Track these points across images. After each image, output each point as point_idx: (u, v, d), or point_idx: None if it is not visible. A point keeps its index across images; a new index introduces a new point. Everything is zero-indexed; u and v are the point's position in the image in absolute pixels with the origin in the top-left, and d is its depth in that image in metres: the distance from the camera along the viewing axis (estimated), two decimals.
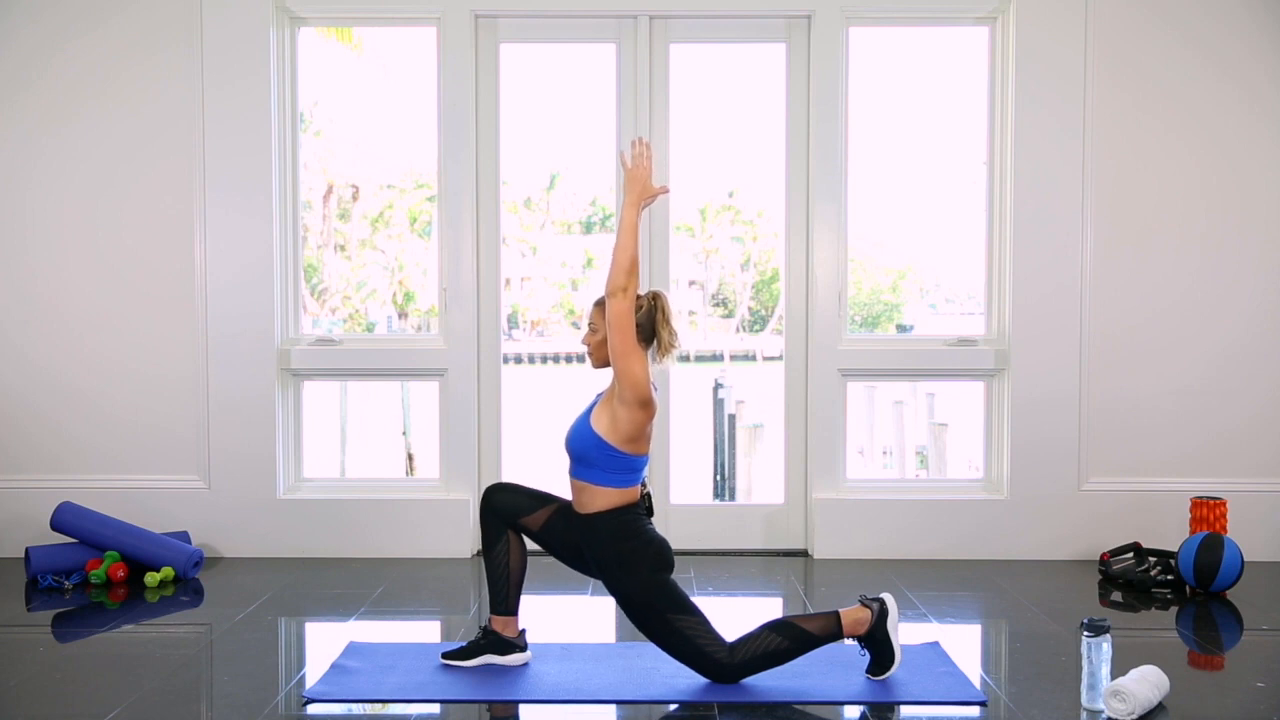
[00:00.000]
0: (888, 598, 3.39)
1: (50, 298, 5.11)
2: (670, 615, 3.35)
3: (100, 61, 5.05)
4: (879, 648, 3.38)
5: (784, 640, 3.35)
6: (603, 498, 3.40)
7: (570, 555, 3.55)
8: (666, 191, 3.62)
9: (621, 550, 3.37)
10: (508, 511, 3.54)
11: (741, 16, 5.18)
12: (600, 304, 3.44)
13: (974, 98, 5.25)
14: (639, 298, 3.41)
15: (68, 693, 3.34)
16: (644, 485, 3.49)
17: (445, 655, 3.55)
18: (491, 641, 3.53)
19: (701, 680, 3.39)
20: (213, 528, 5.08)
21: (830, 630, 3.36)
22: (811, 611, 3.43)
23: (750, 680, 3.38)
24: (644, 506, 3.46)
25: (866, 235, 5.64)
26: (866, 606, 3.38)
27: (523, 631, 3.56)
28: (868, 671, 3.41)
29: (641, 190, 3.42)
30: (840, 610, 3.40)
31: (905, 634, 3.56)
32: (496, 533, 3.53)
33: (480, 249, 5.21)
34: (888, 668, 3.38)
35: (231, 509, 5.09)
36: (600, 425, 3.37)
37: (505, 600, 3.54)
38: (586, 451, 3.39)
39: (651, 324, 3.42)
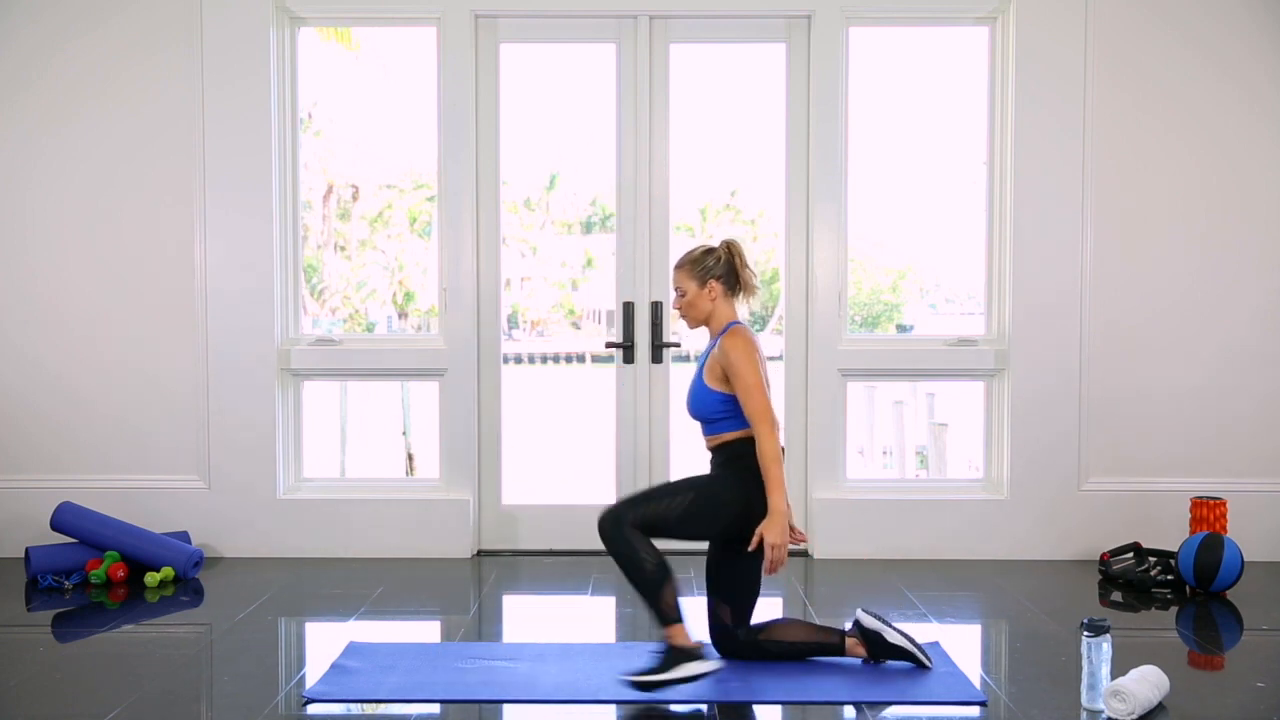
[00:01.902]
0: (877, 627, 3.50)
1: (50, 298, 5.11)
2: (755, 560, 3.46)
3: (100, 61, 5.05)
4: (900, 657, 3.50)
5: (790, 645, 3.54)
6: (728, 437, 3.50)
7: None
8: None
9: (737, 478, 3.44)
10: None
11: (741, 16, 5.18)
12: (679, 266, 3.59)
13: (974, 98, 5.25)
14: (714, 249, 3.58)
15: (68, 693, 3.34)
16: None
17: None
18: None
19: (701, 680, 3.39)
20: (213, 528, 5.08)
21: (833, 644, 3.56)
22: (822, 624, 3.60)
23: (750, 679, 3.39)
24: None
25: (866, 235, 5.63)
26: (859, 641, 3.53)
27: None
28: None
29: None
30: (846, 634, 3.56)
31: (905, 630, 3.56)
32: None
33: (480, 249, 5.21)
34: (920, 662, 3.49)
35: (231, 509, 5.09)
36: (716, 382, 3.48)
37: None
38: (713, 412, 3.50)
39: (731, 271, 3.56)
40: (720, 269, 3.54)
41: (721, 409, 3.48)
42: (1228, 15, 5.00)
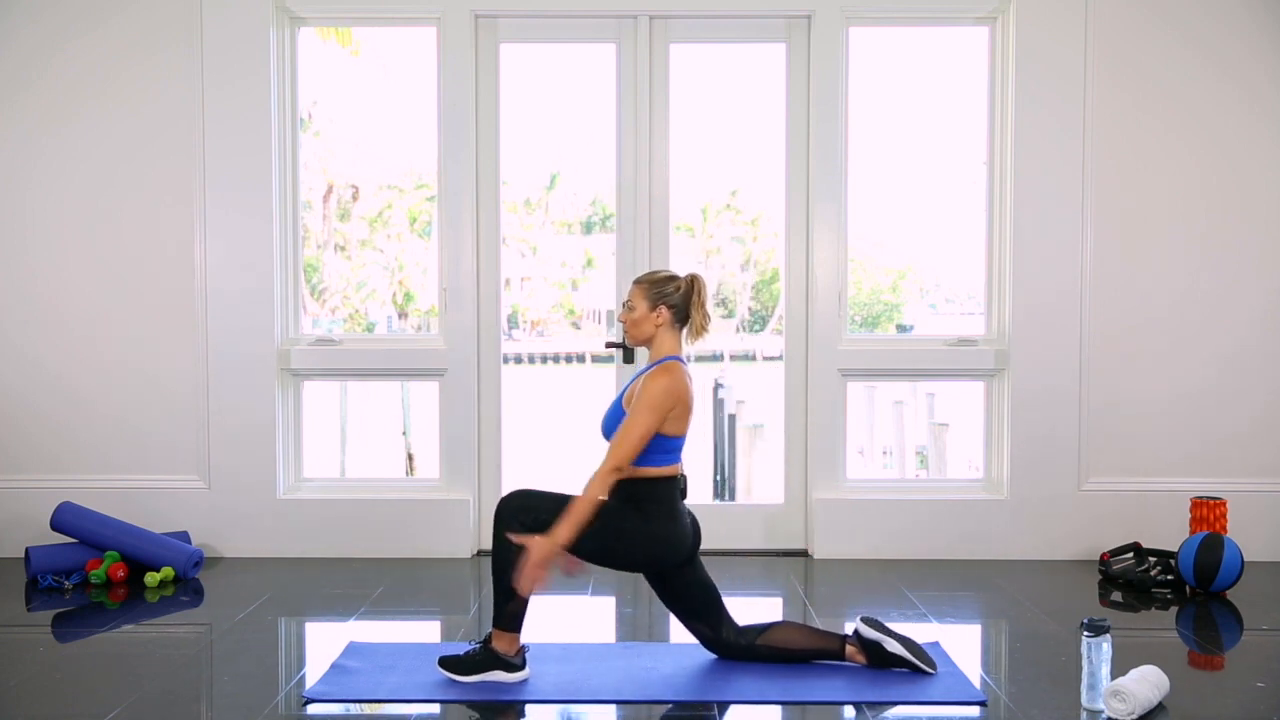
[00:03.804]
0: (877, 638, 3.46)
1: (50, 298, 5.11)
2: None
3: (100, 61, 5.05)
4: (900, 666, 3.47)
5: (788, 650, 3.52)
6: (639, 472, 3.41)
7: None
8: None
9: (641, 509, 3.37)
10: None
11: (741, 16, 5.18)
12: (638, 282, 3.53)
13: (974, 98, 5.25)
14: (677, 278, 3.51)
15: (68, 693, 3.34)
16: (680, 466, 3.50)
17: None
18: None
19: (701, 680, 3.40)
20: (213, 528, 5.08)
21: (832, 650, 3.53)
22: (818, 625, 3.56)
23: (750, 679, 3.39)
24: (680, 485, 3.48)
25: (866, 235, 5.64)
26: (858, 649, 3.50)
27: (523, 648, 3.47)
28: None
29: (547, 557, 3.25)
30: (846, 640, 3.53)
31: (905, 634, 3.55)
32: None
33: (480, 249, 5.21)
34: (921, 670, 3.44)
35: (231, 509, 5.09)
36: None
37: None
38: None
39: (686, 305, 3.49)
40: (676, 299, 3.47)
41: None
42: (1228, 15, 5.01)
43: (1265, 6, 5.00)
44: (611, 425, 3.45)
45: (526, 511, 3.32)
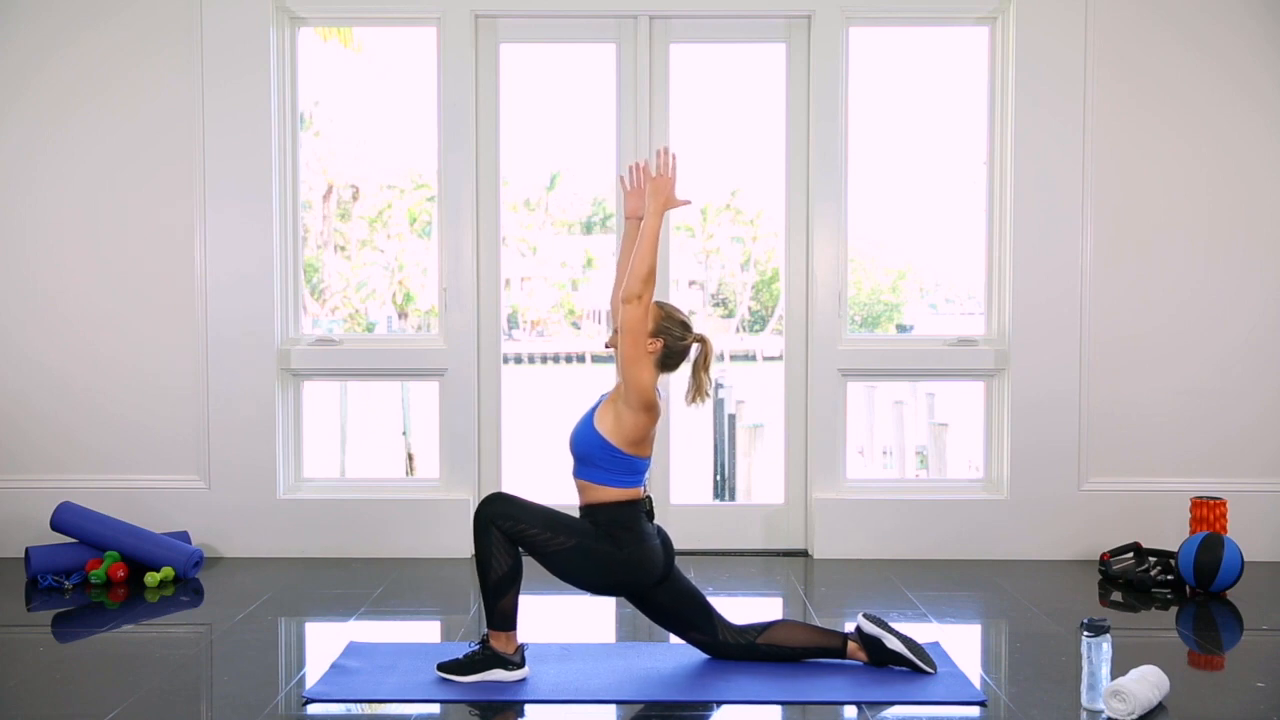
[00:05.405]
0: (877, 634, 3.47)
1: (50, 297, 5.11)
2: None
3: (100, 61, 5.05)
4: (900, 664, 3.46)
5: (789, 649, 3.52)
6: (604, 495, 3.43)
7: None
8: (689, 203, 3.68)
9: (611, 535, 3.39)
10: None
11: (741, 16, 5.18)
12: (657, 302, 3.49)
13: (974, 98, 5.25)
14: (690, 329, 3.50)
15: (68, 693, 3.34)
16: (644, 488, 3.51)
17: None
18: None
19: (701, 680, 3.40)
20: (213, 528, 5.08)
21: (833, 647, 3.53)
22: (819, 624, 3.56)
23: (750, 679, 3.39)
24: (644, 508, 3.48)
25: (866, 235, 5.64)
26: (860, 646, 3.50)
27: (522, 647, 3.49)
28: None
29: (667, 200, 3.45)
30: (848, 637, 3.53)
31: (905, 634, 3.55)
32: None
33: (480, 249, 5.21)
34: (921, 669, 3.44)
35: (231, 509, 5.09)
36: (604, 426, 3.41)
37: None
38: (590, 452, 3.42)
39: (679, 355, 3.48)
40: (675, 344, 3.44)
41: (600, 454, 3.39)
42: (1228, 14, 5.00)
43: (1265, 6, 5.00)
44: (581, 439, 3.45)
45: (508, 518, 3.33)
